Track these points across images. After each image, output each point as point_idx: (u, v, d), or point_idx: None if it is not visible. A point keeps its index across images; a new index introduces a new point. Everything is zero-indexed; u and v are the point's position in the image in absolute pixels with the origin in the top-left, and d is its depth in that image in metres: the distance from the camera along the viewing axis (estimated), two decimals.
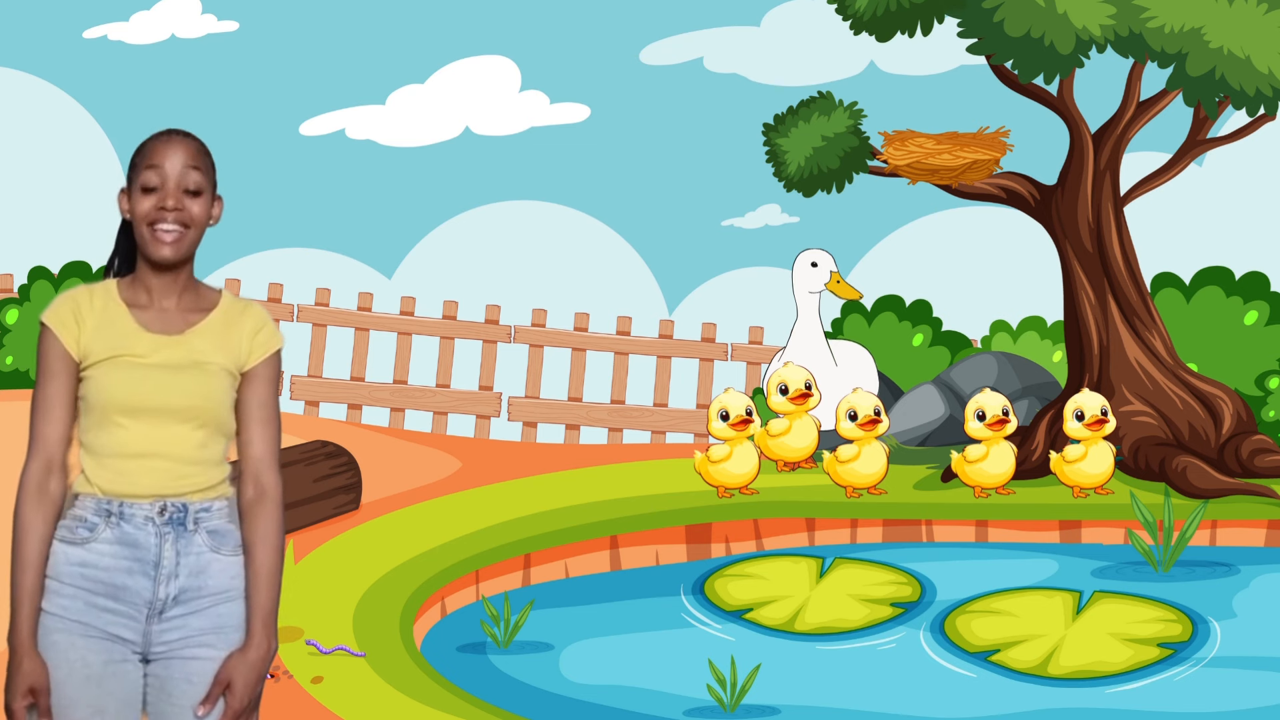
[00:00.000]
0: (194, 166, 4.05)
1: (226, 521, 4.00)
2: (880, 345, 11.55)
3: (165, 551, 3.94)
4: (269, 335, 4.09)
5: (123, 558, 3.93)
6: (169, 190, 4.02)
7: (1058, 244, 10.26)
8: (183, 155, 4.05)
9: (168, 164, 4.03)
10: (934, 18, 9.82)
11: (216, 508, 3.99)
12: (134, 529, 3.93)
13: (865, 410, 9.49)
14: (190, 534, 3.96)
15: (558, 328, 13.29)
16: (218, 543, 3.98)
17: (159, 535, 3.94)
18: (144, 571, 3.93)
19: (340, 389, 13.18)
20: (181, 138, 4.08)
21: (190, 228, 4.04)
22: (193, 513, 3.96)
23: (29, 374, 12.80)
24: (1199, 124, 10.18)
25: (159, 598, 3.94)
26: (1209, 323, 10.84)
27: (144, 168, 4.04)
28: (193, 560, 3.96)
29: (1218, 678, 7.50)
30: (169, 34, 14.30)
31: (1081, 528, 9.41)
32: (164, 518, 3.94)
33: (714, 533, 9.22)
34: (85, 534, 3.94)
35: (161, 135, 4.10)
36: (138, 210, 4.03)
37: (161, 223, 4.02)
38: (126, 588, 3.94)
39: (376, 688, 6.74)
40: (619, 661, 7.75)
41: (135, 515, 3.94)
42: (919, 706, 7.26)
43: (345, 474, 9.29)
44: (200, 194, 4.05)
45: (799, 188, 10.35)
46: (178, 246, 4.03)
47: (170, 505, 3.95)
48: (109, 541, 3.94)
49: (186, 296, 4.08)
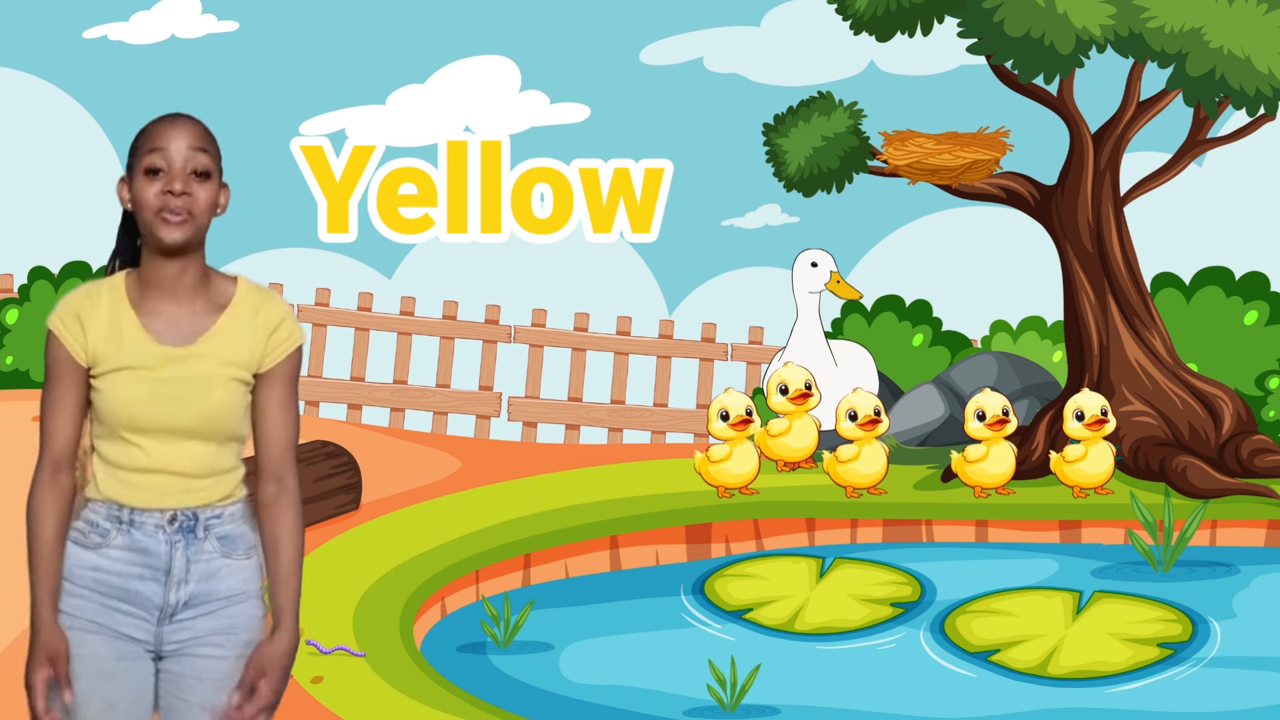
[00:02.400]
0: (201, 149, 3.86)
1: (239, 524, 3.97)
2: (880, 345, 11.55)
3: (176, 559, 3.91)
4: (287, 333, 3.94)
5: (134, 563, 3.91)
6: (175, 173, 3.83)
7: (1058, 244, 10.26)
8: (188, 137, 3.85)
9: (173, 146, 3.84)
10: (934, 18, 9.82)
11: (229, 513, 3.96)
12: (145, 536, 3.90)
13: (865, 410, 9.49)
14: (200, 541, 3.92)
15: (558, 328, 13.29)
16: (229, 548, 3.95)
17: (169, 543, 3.91)
18: (155, 578, 3.91)
19: (340, 389, 13.18)
20: (186, 119, 3.89)
21: (195, 212, 3.85)
22: (203, 520, 3.93)
23: (29, 374, 12.80)
24: (1199, 124, 10.18)
25: (169, 603, 3.92)
26: (1209, 323, 10.84)
27: (147, 151, 3.84)
28: (203, 566, 3.93)
29: (1218, 678, 7.50)
30: (169, 34, 14.29)
31: (1081, 528, 9.41)
32: (174, 526, 3.91)
33: (714, 533, 9.22)
34: (98, 539, 3.91)
35: (165, 118, 3.90)
36: (142, 197, 3.85)
37: (168, 209, 3.83)
38: (138, 593, 3.92)
39: (376, 688, 6.74)
40: (619, 661, 7.75)
41: (146, 523, 3.90)
42: (919, 706, 7.26)
43: (345, 474, 9.29)
44: (209, 177, 3.86)
45: (799, 188, 10.35)
46: (186, 228, 3.84)
47: (180, 514, 3.92)
48: (120, 547, 3.91)
49: (198, 292, 3.90)
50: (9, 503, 8.99)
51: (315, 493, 9.01)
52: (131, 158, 3.90)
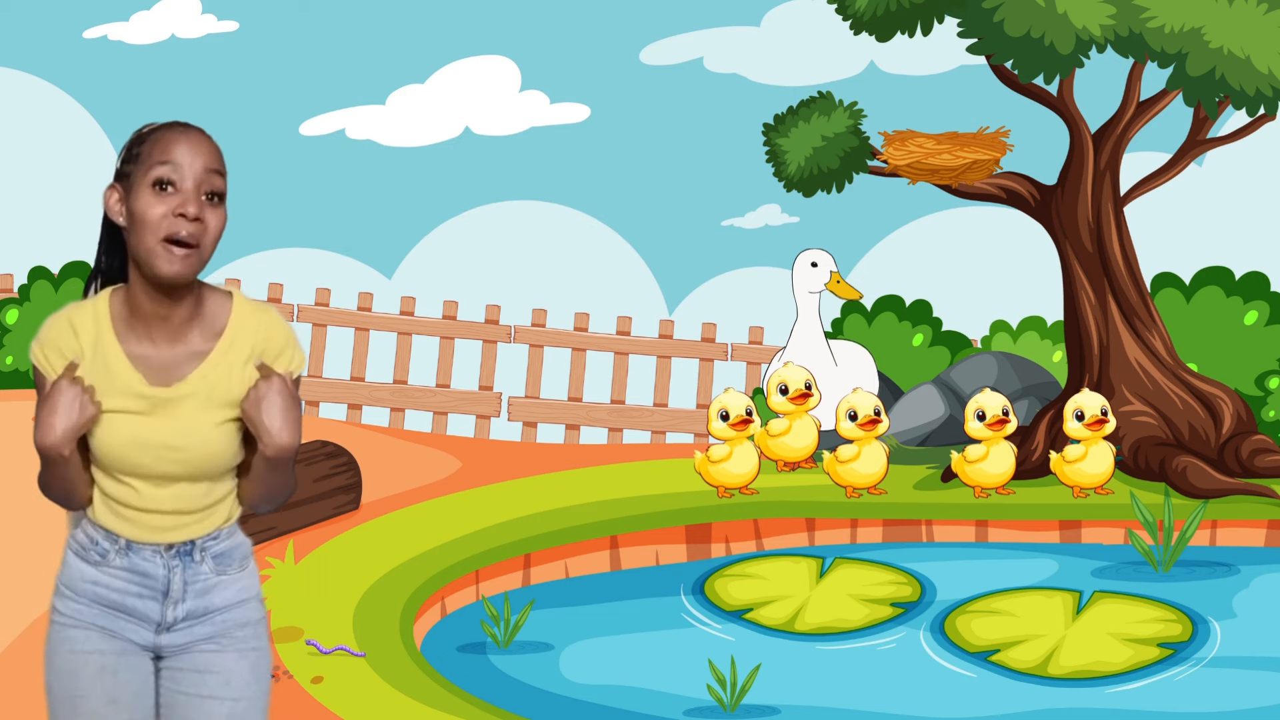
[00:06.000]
0: (217, 170, 3.51)
1: (234, 536, 3.96)
2: (880, 345, 11.55)
3: (174, 581, 3.91)
4: (286, 361, 3.71)
5: (132, 583, 3.91)
6: (189, 194, 3.47)
7: (1058, 244, 10.26)
8: (206, 156, 3.50)
9: (188, 162, 3.48)
10: (934, 18, 9.82)
11: (224, 534, 3.94)
12: (143, 560, 3.90)
13: (865, 410, 9.49)
14: (197, 564, 3.92)
15: (558, 328, 13.29)
16: (223, 565, 3.94)
17: (167, 567, 3.90)
18: (153, 596, 3.91)
19: (340, 389, 13.18)
20: (201, 133, 3.53)
21: (202, 247, 3.50)
22: (199, 545, 3.92)
23: (29, 374, 12.80)
24: (1199, 124, 10.18)
25: (167, 619, 3.93)
26: (1209, 323, 10.83)
27: (157, 162, 3.48)
28: (199, 585, 3.93)
29: (1218, 678, 7.50)
30: (169, 34, 14.30)
31: (1081, 528, 9.41)
32: (171, 552, 3.90)
33: (714, 533, 9.22)
34: (97, 558, 3.89)
35: (177, 127, 3.53)
36: (146, 214, 3.50)
37: (177, 235, 3.49)
38: (136, 609, 3.92)
39: (376, 688, 6.74)
40: (619, 661, 7.75)
41: (144, 550, 3.89)
42: (919, 706, 7.26)
43: (345, 474, 9.29)
44: (221, 203, 3.52)
45: (799, 188, 10.34)
46: (190, 263, 3.52)
47: (179, 544, 3.91)
48: (120, 568, 3.90)
49: (191, 323, 3.66)
50: (9, 502, 9.00)
51: (315, 493, 9.00)
52: (130, 164, 3.57)
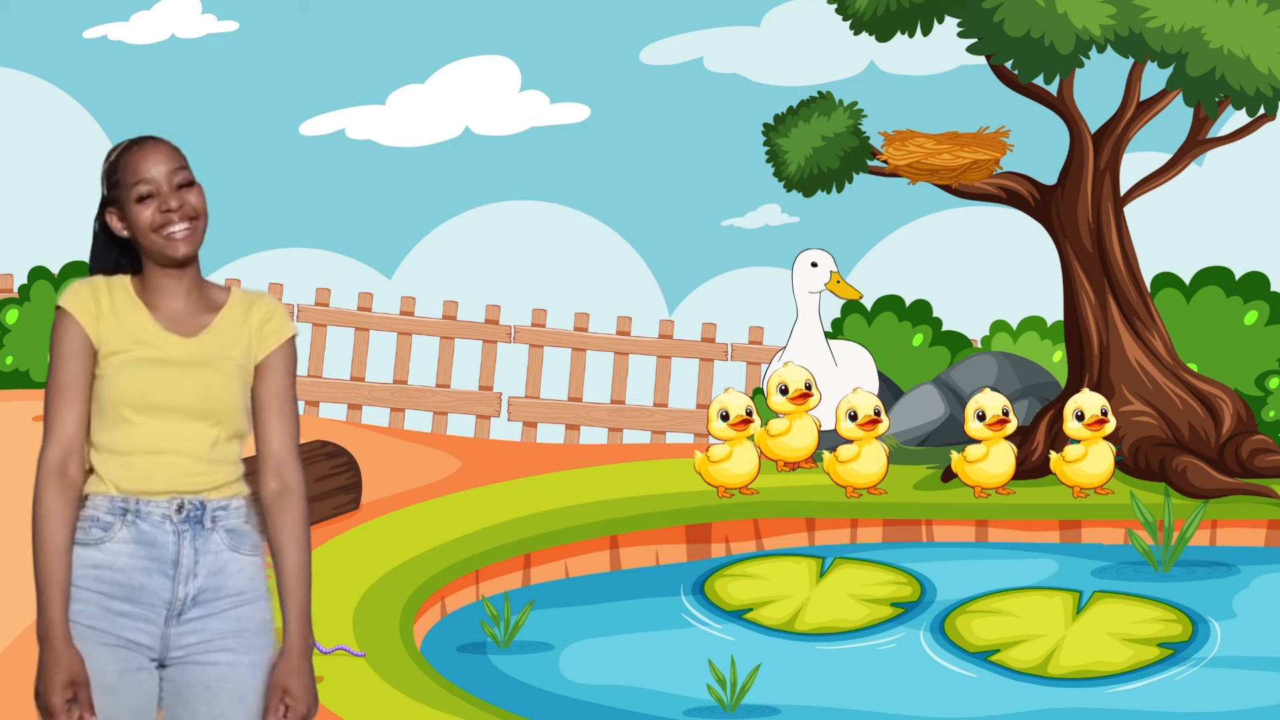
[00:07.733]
0: (180, 166, 4.02)
1: (244, 522, 3.94)
2: (880, 345, 11.55)
3: (184, 550, 3.87)
4: (279, 324, 4.04)
5: (140, 557, 3.87)
6: (166, 194, 3.99)
7: (1058, 244, 10.26)
8: (166, 160, 4.02)
9: (155, 171, 4.00)
10: (934, 18, 9.82)
11: (234, 506, 3.93)
12: (151, 527, 3.87)
13: (865, 410, 9.49)
14: (208, 532, 3.89)
15: (558, 328, 13.29)
16: (236, 541, 3.92)
17: (176, 534, 3.87)
18: (162, 571, 3.87)
19: (340, 389, 13.18)
20: (155, 142, 4.05)
21: (197, 219, 4.01)
22: (210, 510, 3.90)
23: (29, 374, 12.80)
24: (1199, 124, 10.18)
25: (178, 598, 3.88)
26: (1209, 323, 10.84)
27: (133, 184, 4.00)
28: (211, 559, 3.90)
29: (1218, 678, 7.50)
30: (169, 34, 14.31)
31: (1081, 528, 9.41)
32: (181, 515, 3.88)
33: (714, 533, 9.22)
34: (99, 534, 3.86)
35: (134, 145, 4.07)
36: (140, 221, 3.99)
37: (169, 225, 3.98)
38: (144, 588, 3.87)
39: (376, 688, 6.74)
40: (619, 661, 7.75)
41: (152, 513, 3.87)
42: (919, 706, 7.27)
43: (345, 474, 9.30)
44: (193, 185, 4.02)
45: (799, 188, 10.34)
46: (191, 241, 3.99)
47: (188, 503, 3.88)
48: (125, 541, 3.86)
49: (196, 298, 4.03)
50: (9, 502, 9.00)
51: (315, 493, 9.01)
52: (113, 191, 4.06)
